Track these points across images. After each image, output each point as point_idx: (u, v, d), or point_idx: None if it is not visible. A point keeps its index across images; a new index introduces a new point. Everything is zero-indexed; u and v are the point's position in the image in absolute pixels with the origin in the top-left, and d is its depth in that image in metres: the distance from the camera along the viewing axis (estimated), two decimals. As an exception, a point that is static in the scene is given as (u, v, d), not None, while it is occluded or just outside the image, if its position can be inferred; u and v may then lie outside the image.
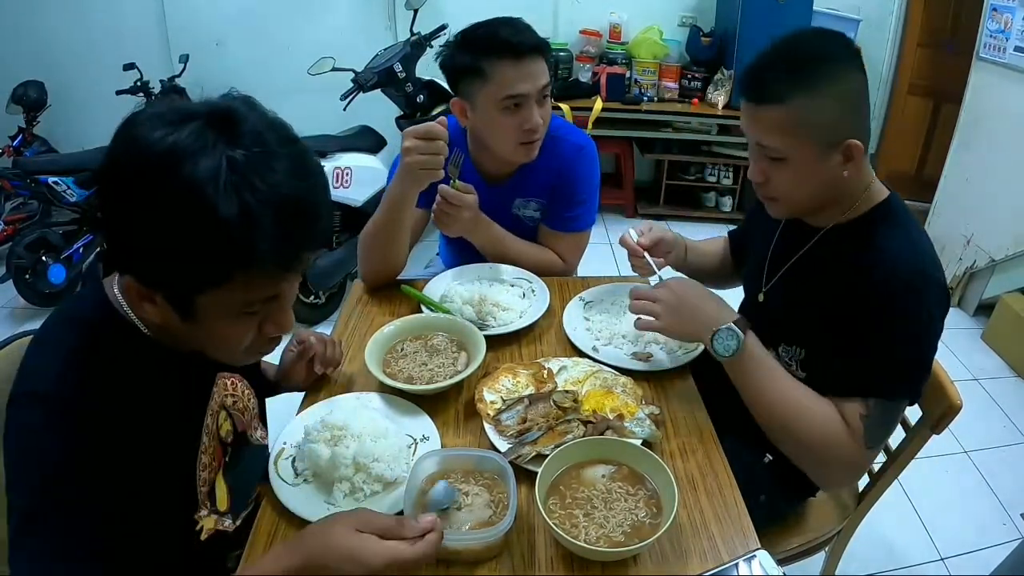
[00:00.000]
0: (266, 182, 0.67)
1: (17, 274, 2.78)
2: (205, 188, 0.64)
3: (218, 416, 0.93)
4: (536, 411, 1.08)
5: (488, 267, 1.54)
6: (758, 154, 1.07)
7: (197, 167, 0.64)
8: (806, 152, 1.01)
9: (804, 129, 0.99)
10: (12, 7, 3.49)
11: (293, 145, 0.72)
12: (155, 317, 0.76)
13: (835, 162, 1.02)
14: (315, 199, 0.73)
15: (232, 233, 0.65)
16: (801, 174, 1.04)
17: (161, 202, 0.65)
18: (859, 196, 1.09)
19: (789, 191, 1.08)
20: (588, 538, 0.87)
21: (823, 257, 1.13)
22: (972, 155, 3.08)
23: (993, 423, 2.46)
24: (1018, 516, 2.04)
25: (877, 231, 1.06)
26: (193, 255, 0.66)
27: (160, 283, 0.71)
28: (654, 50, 3.73)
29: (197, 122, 0.67)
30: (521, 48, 1.36)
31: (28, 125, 3.29)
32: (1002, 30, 2.80)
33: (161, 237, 0.66)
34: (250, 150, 0.67)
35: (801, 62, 0.99)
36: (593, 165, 1.60)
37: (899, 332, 1.00)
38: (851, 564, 1.75)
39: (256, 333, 0.79)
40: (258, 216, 0.66)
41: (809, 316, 1.11)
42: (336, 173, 2.75)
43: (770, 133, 1.01)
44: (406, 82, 2.94)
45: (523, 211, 1.61)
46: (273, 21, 3.61)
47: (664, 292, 1.13)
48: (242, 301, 0.73)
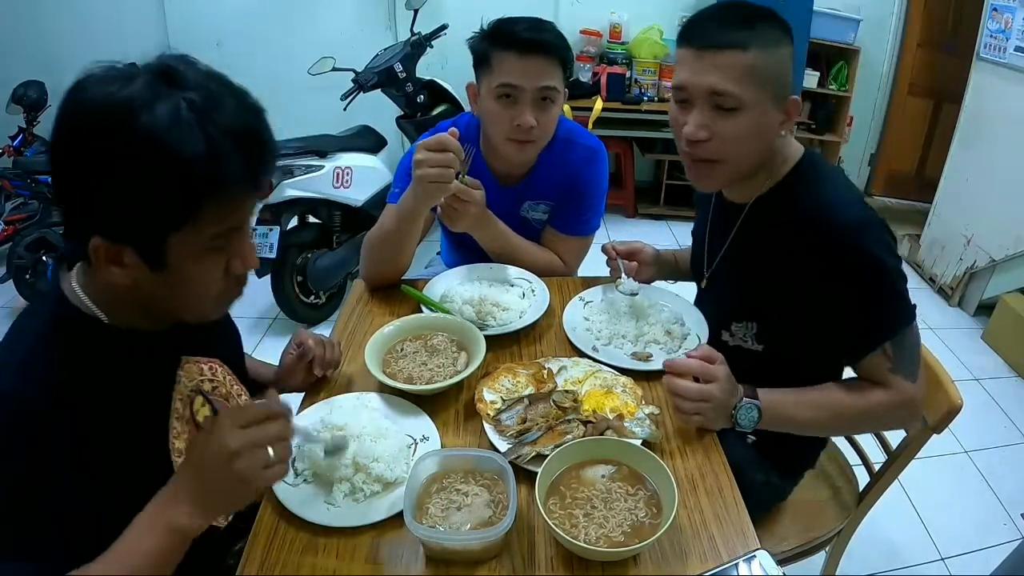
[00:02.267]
0: (223, 115, 0.71)
1: (17, 274, 2.79)
2: (169, 130, 0.67)
3: (192, 401, 0.93)
4: (536, 411, 1.08)
5: (488, 267, 1.54)
6: (704, 108, 1.03)
7: (156, 113, 0.67)
8: (761, 102, 1.01)
9: (762, 78, 1.00)
10: (12, 7, 3.50)
11: (234, 87, 0.77)
12: (123, 279, 0.76)
13: (777, 120, 1.04)
14: (263, 126, 0.77)
15: (200, 165, 0.68)
16: (751, 127, 1.02)
17: (126, 152, 0.67)
18: (781, 164, 1.11)
19: (735, 148, 1.04)
20: (588, 538, 0.86)
21: (756, 229, 1.14)
22: (972, 155, 3.08)
23: (993, 423, 2.46)
24: (1018, 516, 2.04)
25: (804, 190, 1.08)
26: (164, 196, 0.69)
27: (130, 234, 0.73)
28: (654, 50, 3.74)
29: (145, 76, 0.70)
30: (528, 43, 1.36)
31: (28, 125, 3.29)
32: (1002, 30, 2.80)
33: (131, 187, 0.69)
34: (198, 93, 0.71)
35: (755, 17, 1.01)
36: (604, 171, 1.60)
37: (869, 277, 1.02)
38: (851, 564, 1.75)
39: (223, 274, 0.80)
40: (221, 145, 0.70)
41: (756, 290, 1.14)
42: (336, 173, 2.75)
43: (730, 79, 0.99)
44: (406, 82, 2.94)
45: (531, 213, 1.61)
46: (273, 21, 3.61)
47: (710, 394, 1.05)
48: (211, 234, 0.75)
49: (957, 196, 3.18)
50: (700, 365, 1.05)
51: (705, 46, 1.01)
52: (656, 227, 3.92)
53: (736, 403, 1.06)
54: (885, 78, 4.00)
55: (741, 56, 0.98)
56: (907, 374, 1.07)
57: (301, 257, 2.78)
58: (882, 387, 1.07)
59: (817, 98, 3.86)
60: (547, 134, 1.47)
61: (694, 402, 1.05)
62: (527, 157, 1.48)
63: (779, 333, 1.15)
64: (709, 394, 1.04)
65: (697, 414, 1.05)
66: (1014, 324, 2.77)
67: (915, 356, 1.08)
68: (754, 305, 1.16)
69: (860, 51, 3.67)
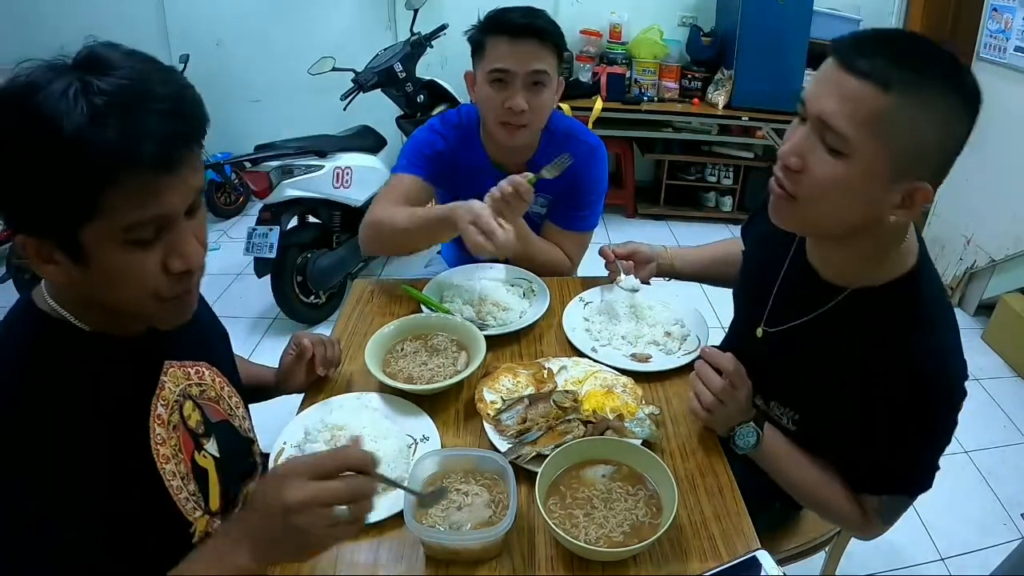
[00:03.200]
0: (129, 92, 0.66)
1: (17, 274, 2.79)
2: (52, 108, 0.63)
3: (181, 406, 0.90)
4: (536, 411, 1.08)
5: (488, 267, 1.54)
6: (811, 132, 0.84)
7: (46, 92, 0.64)
8: (872, 160, 0.80)
9: (889, 133, 0.78)
10: (13, 7, 3.50)
11: (159, 63, 0.72)
12: (60, 277, 0.72)
13: (890, 199, 0.83)
14: (183, 97, 0.71)
15: (84, 146, 0.63)
16: (851, 183, 0.82)
17: (16, 134, 0.65)
18: (888, 256, 0.92)
19: (819, 196, 0.85)
20: (588, 538, 0.87)
21: (843, 324, 0.97)
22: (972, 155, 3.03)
23: (993, 423, 2.46)
24: (1018, 516, 2.04)
25: (904, 311, 0.92)
26: (56, 179, 0.65)
27: (41, 228, 0.69)
28: (654, 50, 3.74)
29: (56, 62, 0.67)
30: (519, 28, 1.39)
31: (28, 125, 3.29)
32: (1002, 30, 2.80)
33: (26, 172, 0.65)
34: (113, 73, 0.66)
35: (932, 61, 0.79)
36: (604, 168, 1.62)
37: (922, 437, 0.95)
38: (851, 564, 1.75)
39: (162, 272, 0.74)
40: (112, 119, 0.64)
41: (813, 384, 1.03)
42: (336, 173, 2.75)
43: (850, 116, 0.79)
44: (406, 82, 2.94)
45: (531, 207, 1.61)
46: (273, 21, 3.62)
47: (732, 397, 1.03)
48: (123, 226, 0.69)
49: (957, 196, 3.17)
50: (736, 367, 1.04)
51: (844, 65, 0.80)
52: (656, 227, 3.92)
53: (743, 421, 1.05)
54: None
55: (875, 95, 0.77)
56: (885, 519, 1.03)
57: (301, 257, 2.78)
58: (859, 510, 1.02)
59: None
60: (539, 118, 1.48)
61: (715, 398, 1.03)
62: (519, 142, 1.49)
63: (818, 429, 1.06)
64: (731, 396, 1.03)
65: (710, 411, 1.04)
66: (1014, 324, 2.78)
67: (901, 512, 1.04)
68: (804, 399, 1.06)
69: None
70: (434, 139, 1.57)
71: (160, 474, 0.85)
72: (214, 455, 0.94)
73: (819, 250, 1.01)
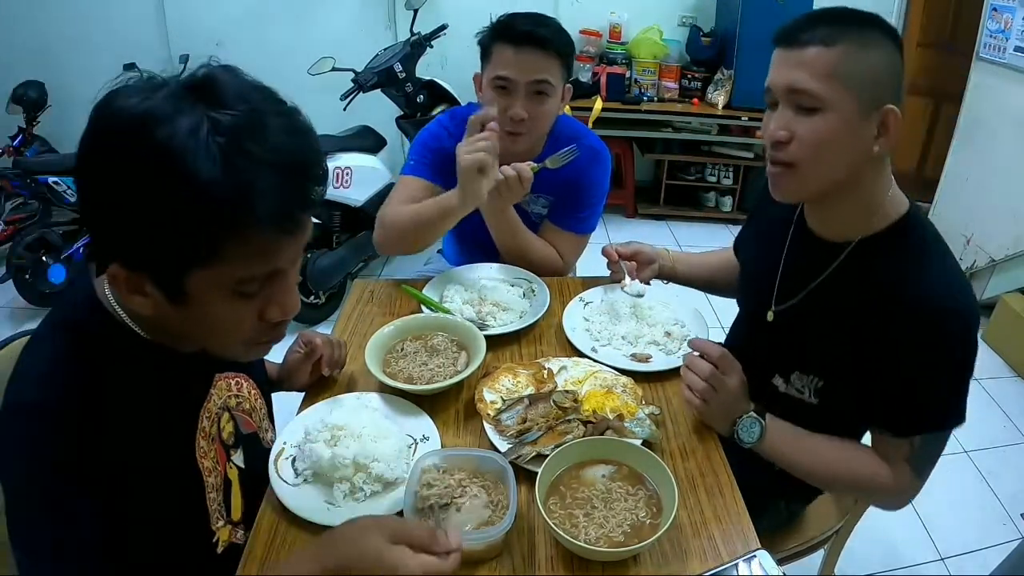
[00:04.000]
0: (254, 140, 0.63)
1: (17, 274, 2.78)
2: (183, 149, 0.60)
3: (219, 418, 0.92)
4: (536, 411, 1.08)
5: (488, 267, 1.54)
6: (785, 106, 0.95)
7: (173, 128, 0.60)
8: (846, 104, 0.91)
9: (848, 76, 0.91)
10: (12, 7, 3.49)
11: (282, 104, 0.69)
12: (146, 309, 0.70)
13: (869, 131, 0.93)
14: (307, 155, 0.68)
15: (216, 195, 0.60)
16: (833, 131, 0.93)
17: (136, 170, 0.61)
18: (881, 200, 1.00)
19: (814, 152, 0.95)
20: (588, 538, 0.87)
21: (848, 279, 1.02)
22: (972, 155, 3.08)
23: (993, 423, 2.46)
24: (1018, 516, 2.04)
25: (907, 252, 0.99)
26: (176, 224, 0.62)
27: (146, 264, 0.66)
28: (654, 50, 3.74)
29: (173, 87, 0.64)
30: (522, 37, 1.39)
31: (28, 125, 3.28)
32: (1002, 30, 2.80)
33: (141, 208, 0.62)
34: (235, 110, 0.63)
35: (849, 17, 0.94)
36: (606, 173, 1.62)
37: (945, 367, 0.96)
38: (851, 563, 1.75)
39: (256, 320, 0.73)
40: (244, 175, 0.61)
41: (834, 345, 1.04)
42: (336, 173, 2.75)
43: (811, 76, 0.91)
44: (406, 82, 2.94)
45: (532, 207, 1.62)
46: (273, 21, 3.61)
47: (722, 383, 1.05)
48: (236, 278, 0.68)
49: (957, 196, 3.17)
50: (722, 354, 1.05)
51: (789, 44, 0.94)
52: (656, 227, 3.92)
53: (743, 413, 1.06)
54: (885, 78, 4.00)
55: (824, 53, 0.91)
56: (919, 469, 1.03)
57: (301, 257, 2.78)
58: (887, 467, 1.03)
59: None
60: (540, 127, 1.48)
61: (705, 384, 1.04)
62: (518, 149, 1.48)
63: (842, 394, 1.06)
64: (721, 382, 1.04)
65: (704, 400, 1.05)
66: (1014, 324, 2.77)
67: (934, 459, 1.04)
68: (827, 360, 1.07)
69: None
70: (440, 134, 1.57)
71: (204, 486, 0.86)
72: (239, 466, 0.95)
73: (819, 213, 1.07)
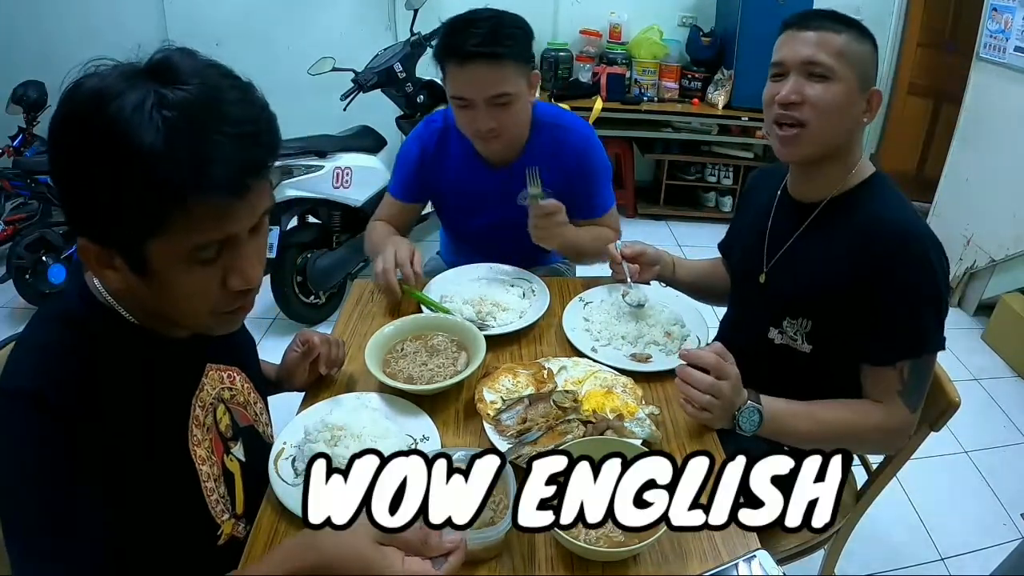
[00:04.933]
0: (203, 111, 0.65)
1: (17, 274, 2.78)
2: (126, 122, 0.62)
3: (215, 409, 0.92)
4: (536, 411, 1.08)
5: (488, 267, 1.54)
6: (799, 76, 1.11)
7: (120, 104, 0.63)
8: (849, 80, 1.09)
9: (851, 59, 1.09)
10: (12, 7, 3.50)
11: (235, 79, 0.71)
12: (117, 283, 0.73)
13: (861, 107, 1.12)
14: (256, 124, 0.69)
15: (159, 165, 0.62)
16: (839, 98, 1.09)
17: (88, 143, 0.64)
18: (854, 166, 1.16)
19: (823, 115, 1.10)
20: (588, 538, 0.86)
21: (824, 229, 1.18)
22: (972, 155, 3.08)
23: (993, 423, 2.46)
24: (1018, 516, 2.04)
25: (873, 200, 1.14)
26: (124, 195, 0.64)
27: (108, 237, 0.69)
28: (654, 50, 3.74)
29: (128, 67, 0.67)
30: (463, 53, 1.34)
31: (28, 125, 3.28)
32: (1002, 30, 2.80)
33: (95, 181, 0.65)
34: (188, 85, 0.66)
35: (846, 19, 1.12)
36: (601, 149, 1.63)
37: (916, 293, 1.07)
38: (851, 564, 1.75)
39: (220, 288, 0.74)
40: (188, 142, 0.63)
41: (816, 288, 1.16)
42: (336, 173, 2.75)
43: (825, 51, 1.08)
44: (406, 82, 2.94)
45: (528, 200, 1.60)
46: (273, 21, 3.61)
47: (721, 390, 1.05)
48: (192, 244, 0.69)
49: (957, 196, 3.17)
50: (716, 360, 1.05)
51: (804, 26, 1.11)
52: (656, 227, 3.92)
53: (740, 405, 1.06)
54: (885, 78, 3.99)
55: (835, 37, 1.09)
56: (911, 402, 1.11)
57: (301, 257, 2.78)
58: (882, 407, 1.12)
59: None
60: (513, 128, 1.48)
61: (708, 396, 1.04)
62: (498, 148, 1.50)
63: (831, 334, 1.17)
64: (719, 390, 1.04)
65: (706, 410, 1.04)
66: (1014, 324, 2.77)
67: (924, 388, 1.13)
68: (812, 302, 1.18)
69: None
70: (414, 148, 1.61)
71: (197, 473, 0.86)
72: (240, 459, 0.95)
73: (804, 176, 1.22)
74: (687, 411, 1.07)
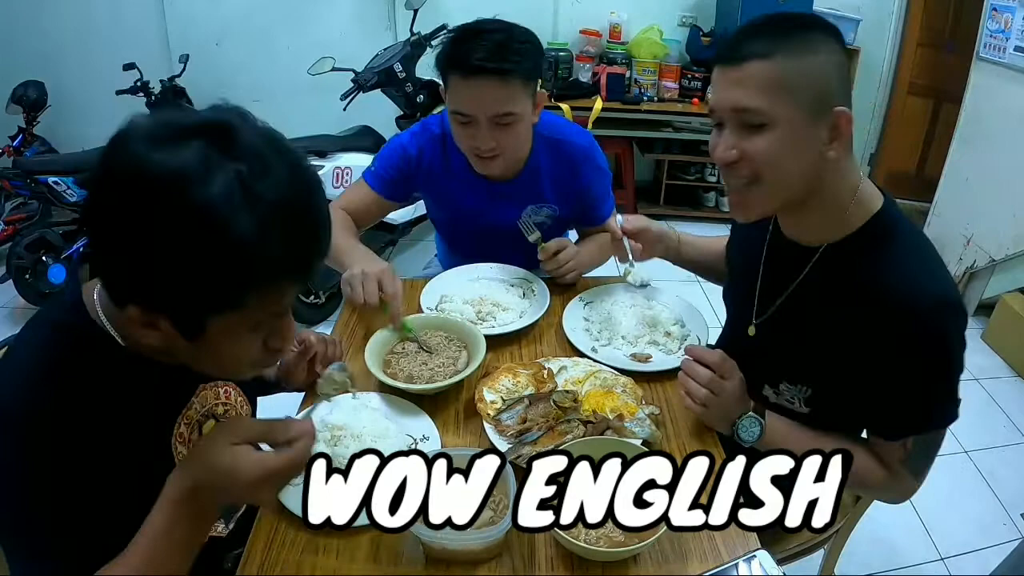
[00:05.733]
0: (272, 194, 0.65)
1: (17, 274, 2.78)
2: (220, 209, 0.62)
3: (202, 425, 0.93)
4: (536, 411, 1.08)
5: (488, 267, 1.54)
6: (732, 126, 0.93)
7: (210, 188, 0.62)
8: (791, 115, 0.89)
9: (790, 87, 0.88)
10: (13, 7, 3.49)
11: (289, 154, 0.71)
12: (156, 342, 0.72)
13: (821, 137, 0.91)
14: (318, 205, 0.71)
15: (249, 253, 0.64)
16: (784, 144, 0.90)
17: (173, 226, 0.62)
18: (849, 201, 0.97)
19: (768, 169, 0.92)
20: (588, 538, 0.87)
21: (824, 284, 1.01)
22: (972, 155, 3.08)
23: (993, 423, 2.46)
24: (1018, 516, 2.04)
25: (882, 250, 0.96)
26: (210, 277, 0.64)
27: (167, 308, 0.68)
28: (654, 50, 3.73)
29: (198, 141, 0.64)
30: (469, 66, 1.28)
31: (28, 125, 3.28)
32: (1002, 30, 2.80)
33: (174, 262, 0.63)
34: (251, 164, 0.65)
35: (786, 25, 0.92)
36: (603, 158, 1.60)
37: (929, 369, 0.94)
38: (851, 564, 1.75)
39: (261, 347, 0.76)
40: (271, 230, 0.64)
41: (815, 352, 1.03)
42: (336, 173, 2.75)
43: (753, 93, 0.89)
44: (406, 82, 2.94)
45: (535, 218, 1.56)
46: (273, 21, 3.61)
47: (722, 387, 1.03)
48: (255, 320, 0.72)
49: (957, 196, 3.17)
50: (721, 358, 1.04)
51: (730, 60, 0.91)
52: (656, 227, 3.92)
53: (742, 413, 1.05)
54: (885, 78, 3.99)
55: (763, 66, 0.88)
56: (915, 469, 1.03)
57: (301, 257, 2.78)
58: (885, 469, 1.03)
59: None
60: (514, 149, 1.43)
61: (706, 390, 1.03)
62: (495, 170, 1.45)
63: (833, 402, 1.06)
64: (720, 387, 1.03)
65: (704, 405, 1.04)
66: (1014, 324, 2.77)
67: (931, 457, 1.04)
68: (812, 369, 1.06)
69: (860, 51, 3.66)
70: (408, 149, 1.53)
71: None
72: None
73: (789, 220, 1.06)
74: (685, 403, 1.07)
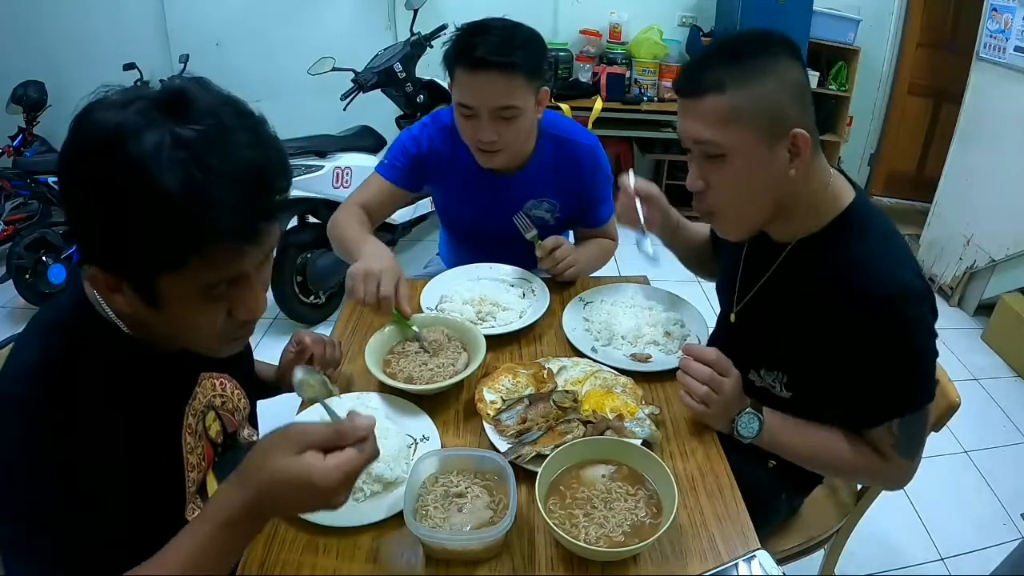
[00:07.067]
0: (217, 155, 0.65)
1: (17, 274, 2.78)
2: (147, 163, 0.63)
3: (204, 416, 0.92)
4: (536, 411, 1.08)
5: (488, 267, 1.54)
6: (696, 156, 0.99)
7: (139, 143, 0.63)
8: (747, 144, 0.93)
9: (744, 118, 0.92)
10: (13, 7, 3.49)
11: (249, 118, 0.71)
12: (125, 307, 0.73)
13: (781, 159, 0.95)
14: (269, 167, 0.70)
15: (177, 208, 0.63)
16: (744, 173, 0.95)
17: (107, 182, 0.64)
18: (820, 201, 1.01)
19: (732, 197, 0.99)
20: (588, 538, 0.87)
21: (794, 276, 1.06)
22: (972, 155, 3.08)
23: (993, 423, 2.46)
24: (1018, 516, 2.04)
25: (848, 244, 0.99)
26: (142, 234, 0.65)
27: (120, 268, 0.70)
28: (654, 50, 3.73)
29: (144, 102, 0.66)
30: (474, 59, 1.32)
31: (28, 125, 3.28)
32: (1002, 30, 2.80)
33: (112, 218, 0.65)
34: (202, 125, 0.66)
35: (738, 52, 0.94)
36: (606, 160, 1.63)
37: (896, 356, 0.97)
38: (851, 563, 1.75)
39: (226, 318, 0.76)
40: (205, 189, 0.64)
41: (788, 341, 1.08)
42: (336, 173, 2.75)
43: (708, 125, 0.94)
44: (406, 82, 2.94)
45: (535, 211, 1.59)
46: (273, 21, 3.61)
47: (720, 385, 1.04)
48: (203, 283, 0.70)
49: (957, 196, 3.18)
50: (718, 356, 1.05)
51: (686, 94, 0.97)
52: (656, 227, 3.92)
53: (741, 410, 1.06)
54: (885, 78, 3.99)
55: (718, 100, 0.92)
56: (907, 452, 1.03)
57: (301, 257, 2.78)
58: (879, 456, 1.04)
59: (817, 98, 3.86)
60: (515, 144, 1.45)
61: (706, 388, 1.04)
62: (497, 164, 1.48)
63: (809, 386, 1.09)
64: (719, 385, 1.04)
65: (704, 403, 1.04)
66: (1014, 324, 2.78)
67: (920, 438, 1.05)
68: (784, 356, 1.10)
69: (860, 51, 3.66)
70: (419, 138, 1.56)
71: (185, 480, 0.86)
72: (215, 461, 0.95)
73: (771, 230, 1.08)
74: (684, 402, 1.07)
